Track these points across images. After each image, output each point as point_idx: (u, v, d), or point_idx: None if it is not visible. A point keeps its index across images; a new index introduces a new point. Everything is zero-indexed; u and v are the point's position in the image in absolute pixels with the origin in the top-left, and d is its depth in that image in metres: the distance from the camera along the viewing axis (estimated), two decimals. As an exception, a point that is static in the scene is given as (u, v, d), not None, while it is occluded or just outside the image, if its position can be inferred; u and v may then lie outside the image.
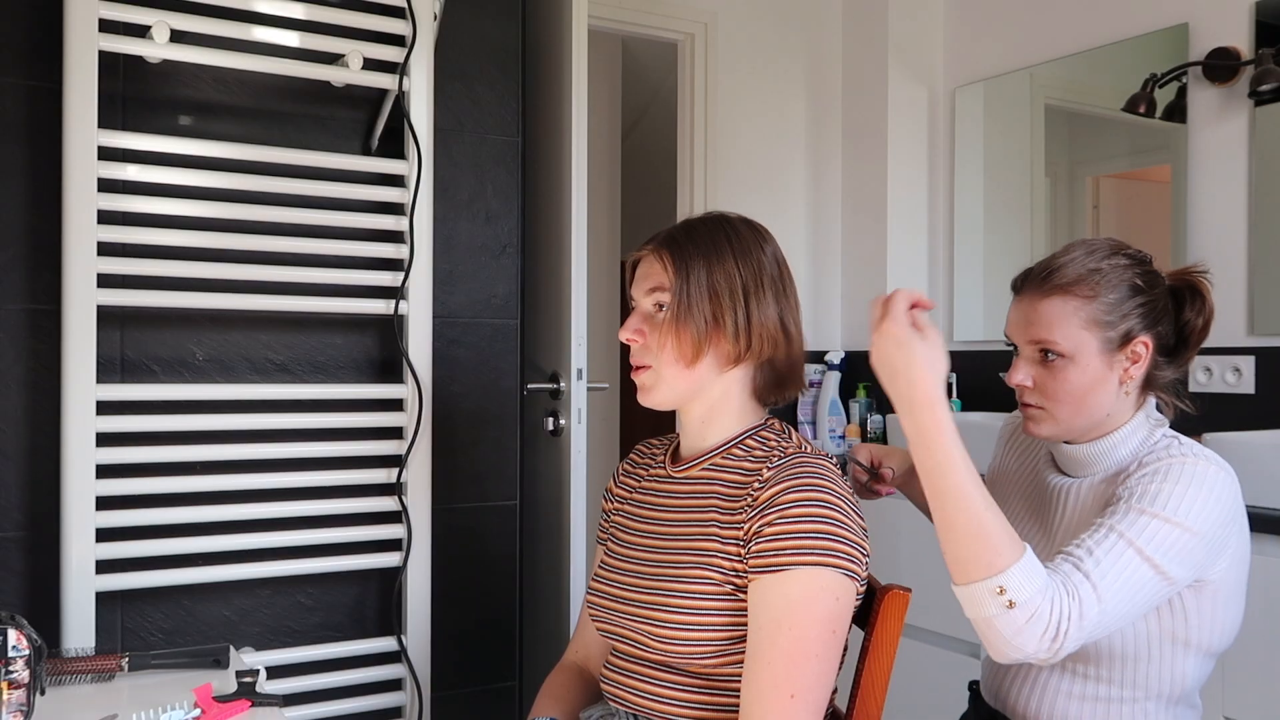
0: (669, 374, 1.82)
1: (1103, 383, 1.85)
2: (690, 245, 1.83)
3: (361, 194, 2.92)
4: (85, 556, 2.57)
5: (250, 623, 2.91)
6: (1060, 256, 1.89)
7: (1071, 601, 1.61)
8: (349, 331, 3.02)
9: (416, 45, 2.91)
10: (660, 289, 1.83)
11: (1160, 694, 1.84)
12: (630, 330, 1.85)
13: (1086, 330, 1.83)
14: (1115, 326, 1.83)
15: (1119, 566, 1.65)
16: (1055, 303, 1.85)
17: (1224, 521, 1.75)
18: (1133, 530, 1.69)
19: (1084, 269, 1.85)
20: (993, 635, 1.62)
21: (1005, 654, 1.63)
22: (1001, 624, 1.60)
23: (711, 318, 1.79)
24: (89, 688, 2.01)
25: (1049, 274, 1.88)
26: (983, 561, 1.60)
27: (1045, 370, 1.87)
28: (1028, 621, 1.58)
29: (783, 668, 1.63)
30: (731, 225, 1.87)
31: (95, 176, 2.57)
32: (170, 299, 2.70)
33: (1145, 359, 1.86)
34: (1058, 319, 1.84)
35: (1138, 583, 1.66)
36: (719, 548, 1.74)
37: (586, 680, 2.08)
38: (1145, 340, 1.86)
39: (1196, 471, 1.75)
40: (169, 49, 2.64)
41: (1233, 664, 2.80)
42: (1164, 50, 3.77)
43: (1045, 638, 1.59)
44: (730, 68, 4.59)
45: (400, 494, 2.95)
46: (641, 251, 1.89)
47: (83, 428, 2.57)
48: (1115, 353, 1.85)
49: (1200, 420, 3.53)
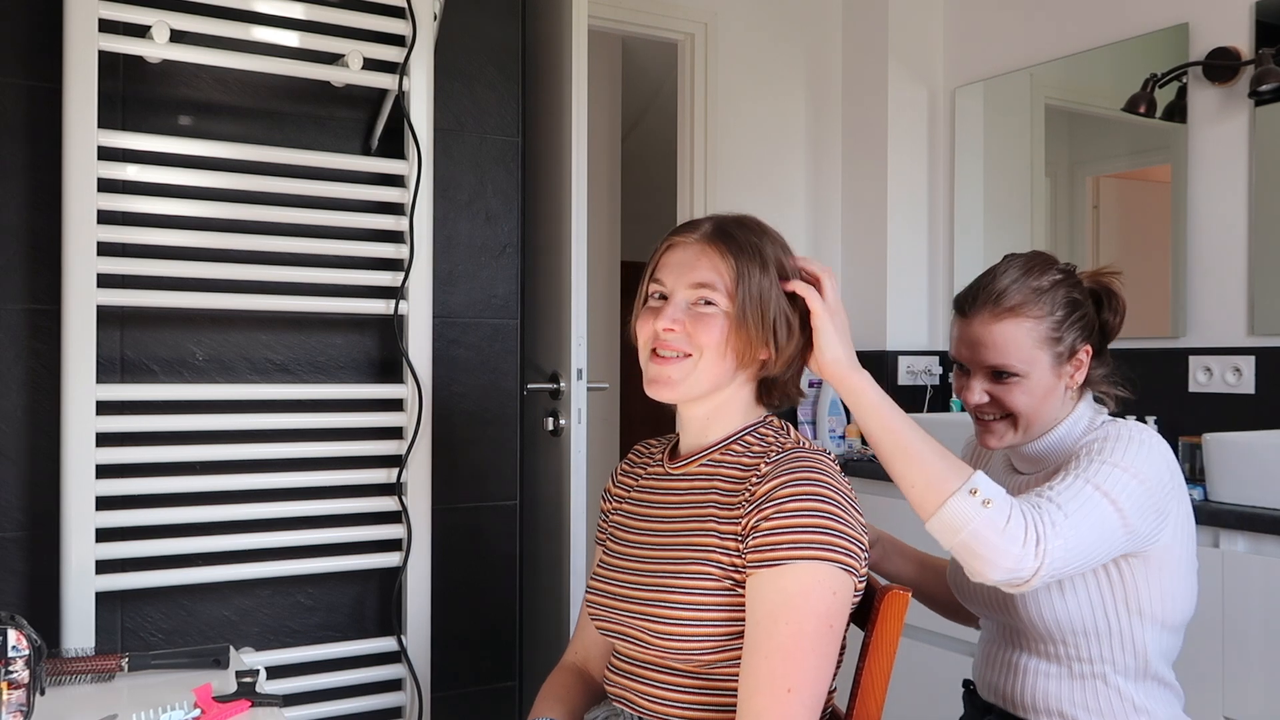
0: (707, 369, 1.79)
1: (1053, 391, 2.00)
2: (748, 247, 1.80)
3: (361, 194, 2.92)
4: (85, 556, 2.57)
5: (250, 623, 2.91)
6: (1001, 278, 2.02)
7: (1041, 514, 1.74)
8: (349, 331, 3.02)
9: (416, 45, 2.91)
10: (710, 286, 1.78)
11: (1126, 667, 1.95)
12: (668, 319, 1.78)
13: (1039, 349, 1.98)
14: (1062, 341, 1.99)
15: (1080, 497, 1.79)
16: (1009, 327, 1.98)
17: (1164, 477, 1.88)
18: (1088, 472, 1.83)
19: (1029, 290, 1.99)
20: (978, 545, 1.72)
21: (994, 563, 1.72)
22: (983, 526, 1.70)
23: (764, 326, 1.78)
24: (89, 688, 2.01)
25: (997, 297, 2.00)
26: (950, 475, 1.75)
27: (1001, 387, 2.00)
28: (1007, 522, 1.71)
29: (780, 662, 1.63)
30: (772, 236, 1.86)
31: (95, 176, 2.57)
32: (170, 299, 2.70)
33: (1086, 365, 2.02)
34: (1012, 342, 1.98)
35: (1100, 514, 1.79)
36: (717, 543, 1.74)
37: (586, 681, 2.07)
38: (1086, 349, 2.01)
39: (1135, 433, 1.90)
40: (169, 49, 2.64)
41: (1232, 664, 2.81)
42: (1164, 50, 3.77)
43: (1028, 542, 1.71)
44: (730, 68, 4.59)
45: (400, 494, 2.95)
46: (684, 238, 1.84)
47: (83, 428, 2.57)
48: (1063, 364, 2.00)
49: (1201, 420, 3.54)
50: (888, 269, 4.60)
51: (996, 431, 2.03)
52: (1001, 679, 2.07)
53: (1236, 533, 2.86)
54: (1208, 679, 2.85)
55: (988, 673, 2.12)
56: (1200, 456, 3.17)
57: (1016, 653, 2.05)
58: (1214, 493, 3.00)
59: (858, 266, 4.74)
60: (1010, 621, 2.03)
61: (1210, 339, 3.65)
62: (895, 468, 1.81)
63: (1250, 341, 3.52)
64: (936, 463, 1.77)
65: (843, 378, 1.82)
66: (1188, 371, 3.66)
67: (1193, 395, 3.64)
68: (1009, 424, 2.02)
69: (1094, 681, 1.95)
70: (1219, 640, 2.83)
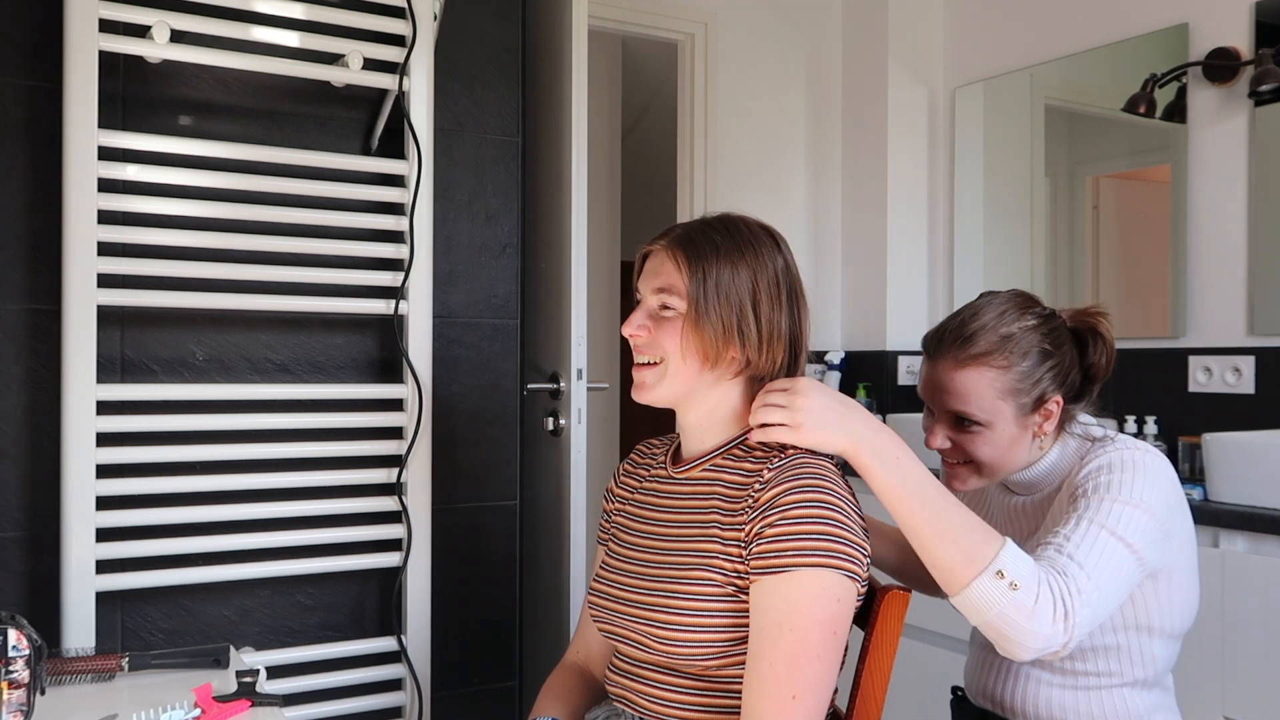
0: (675, 373, 1.80)
1: (1018, 442, 1.95)
2: (707, 247, 1.80)
3: (361, 194, 2.92)
4: (85, 556, 2.57)
5: (250, 623, 2.92)
6: (971, 322, 1.97)
7: (1067, 580, 1.69)
8: (349, 331, 3.03)
9: (416, 45, 2.91)
10: (669, 290, 1.80)
11: (1135, 678, 1.93)
12: (634, 325, 1.82)
13: (1002, 400, 1.92)
14: (1029, 393, 1.93)
15: (1097, 548, 1.74)
16: (971, 375, 1.93)
17: (1171, 502, 1.85)
18: (1100, 516, 1.78)
19: (997, 337, 1.93)
20: (1007, 628, 1.66)
21: (1024, 645, 1.67)
22: (1012, 611, 1.65)
23: (726, 325, 1.77)
24: (89, 687, 2.01)
25: (963, 342, 1.95)
26: (975, 555, 1.68)
27: (964, 435, 1.96)
28: (1035, 603, 1.65)
29: (785, 669, 1.63)
30: (750, 229, 1.84)
31: (95, 176, 2.57)
32: (170, 299, 2.70)
33: (1056, 414, 1.96)
34: (974, 391, 1.93)
35: (1117, 562, 1.75)
36: (720, 549, 1.74)
37: (588, 680, 2.08)
38: (1057, 399, 1.95)
39: (1138, 460, 1.86)
40: (169, 49, 2.64)
41: (1232, 664, 2.81)
42: (1164, 50, 3.78)
43: (1057, 619, 1.65)
44: (730, 68, 4.60)
45: (400, 494, 2.95)
46: (653, 246, 1.87)
47: (83, 427, 2.57)
48: (1029, 415, 1.94)
49: (1201, 420, 3.54)
50: (887, 269, 4.60)
51: (960, 476, 2.00)
52: (998, 684, 2.04)
53: (1236, 533, 2.87)
54: (1207, 680, 2.85)
55: (982, 676, 2.09)
56: (1200, 456, 3.18)
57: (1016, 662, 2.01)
58: (1213, 493, 3.00)
59: (857, 267, 4.75)
60: None
61: (1210, 339, 3.65)
62: (917, 546, 1.75)
63: (1250, 341, 3.52)
64: (959, 539, 1.69)
65: (849, 458, 1.76)
66: (1187, 371, 3.67)
67: (1192, 395, 3.65)
68: (972, 469, 1.99)
69: (1098, 693, 1.93)
70: (1219, 640, 2.84)
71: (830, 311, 4.80)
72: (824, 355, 4.64)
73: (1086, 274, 4.09)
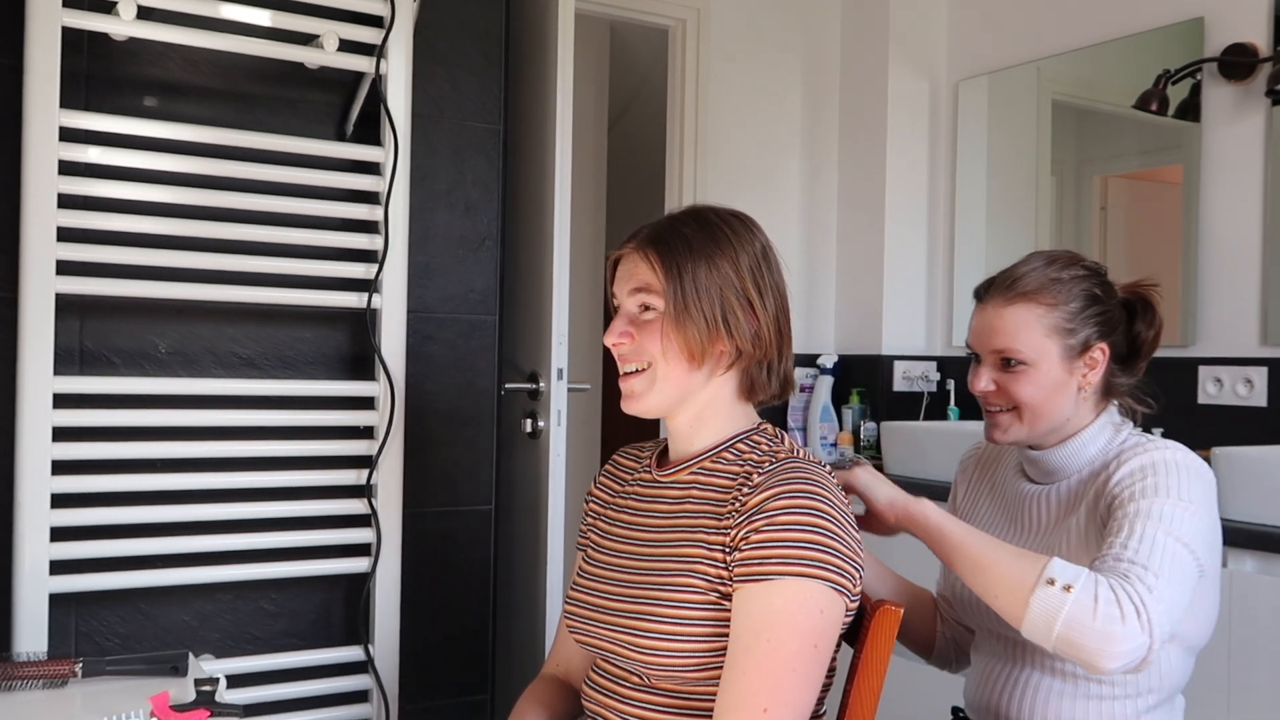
0: (665, 375, 1.81)
1: (1063, 388, 2.02)
2: (679, 243, 1.81)
3: (335, 181, 2.93)
4: (39, 556, 2.58)
5: (210, 628, 2.92)
6: (1021, 266, 2.06)
7: (1132, 582, 1.73)
8: (319, 325, 3.03)
9: (395, 26, 2.92)
10: (646, 290, 1.81)
11: (1153, 690, 1.96)
12: (616, 334, 1.83)
13: (1048, 338, 2.00)
14: (1075, 334, 2.01)
15: (1158, 549, 1.78)
16: (1019, 311, 2.02)
17: (1213, 496, 1.92)
18: (1154, 516, 1.82)
19: (1045, 278, 2.03)
20: (1078, 637, 1.71)
21: (1103, 650, 1.70)
22: (1077, 615, 1.70)
23: (710, 320, 1.78)
24: (40, 694, 2.02)
25: (1012, 283, 2.04)
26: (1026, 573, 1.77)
27: (1008, 376, 2.04)
28: (1095, 603, 1.69)
29: (758, 679, 1.63)
30: (720, 218, 1.86)
31: (56, 158, 2.57)
32: (133, 288, 2.70)
33: (1102, 365, 2.03)
34: (1022, 327, 2.01)
35: (1179, 562, 1.78)
36: (704, 554, 1.74)
37: (569, 692, 2.07)
38: (1102, 347, 2.03)
39: (1181, 460, 1.91)
40: (135, 26, 2.65)
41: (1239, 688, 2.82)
42: (1178, 45, 3.79)
43: (1128, 619, 1.69)
44: (723, 56, 4.61)
45: (370, 496, 2.96)
46: (623, 249, 1.88)
47: (38, 421, 2.58)
48: (1075, 359, 2.02)
49: (1210, 433, 3.55)
50: (884, 270, 4.62)
51: (1001, 424, 2.06)
52: (1004, 698, 2.06)
53: (1245, 552, 2.87)
54: (1213, 702, 2.86)
55: (986, 692, 2.11)
56: (1208, 471, 3.19)
57: (1024, 670, 2.04)
58: (1222, 510, 2.96)
59: (853, 267, 4.76)
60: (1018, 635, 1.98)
61: (1221, 348, 3.66)
62: (976, 584, 1.85)
63: (1263, 352, 3.53)
64: (1011, 564, 1.80)
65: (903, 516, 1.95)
66: (1197, 382, 3.68)
67: (1202, 407, 3.66)
68: (1014, 416, 2.04)
69: (1110, 703, 1.95)
70: (1225, 663, 2.84)
71: (824, 313, 4.82)
72: (816, 359, 4.65)
73: (1093, 278, 4.09)
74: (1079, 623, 1.69)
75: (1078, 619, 1.69)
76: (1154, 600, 1.70)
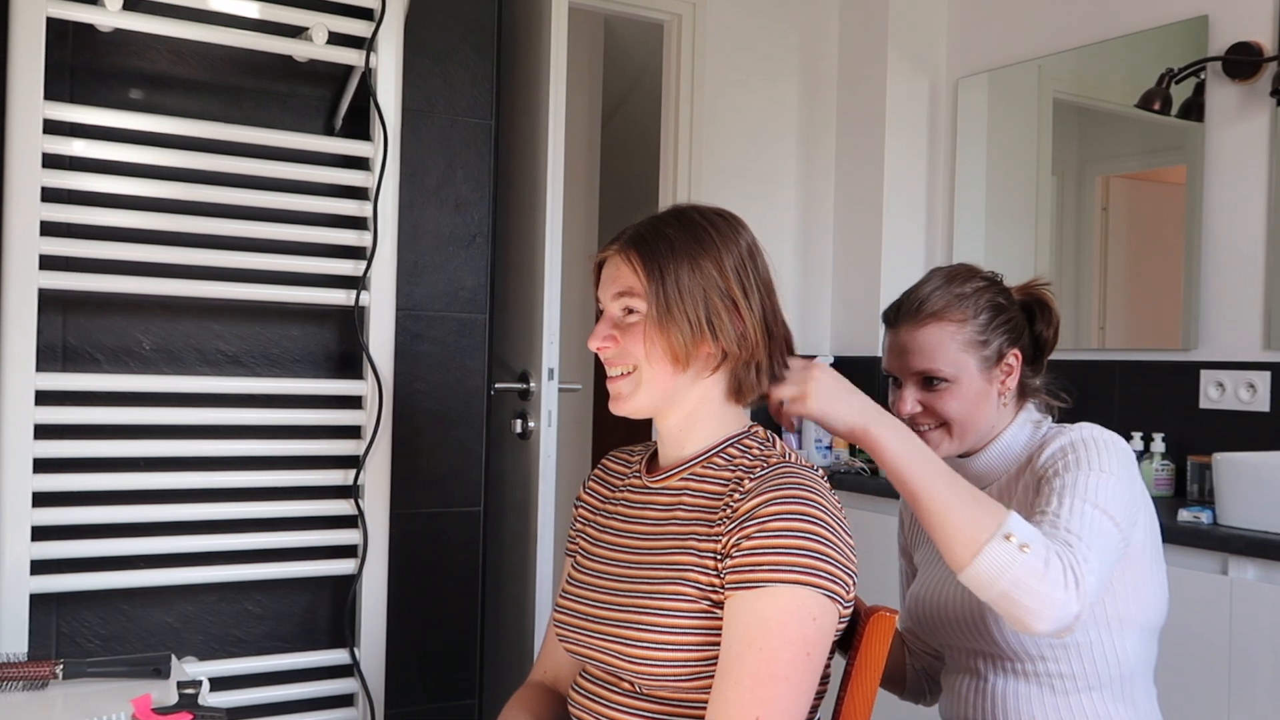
0: (650, 378, 1.81)
1: (985, 397, 2.11)
2: (662, 244, 1.81)
3: (323, 177, 2.93)
4: (20, 556, 2.58)
5: (194, 630, 2.92)
6: (924, 286, 2.17)
7: (1067, 550, 1.79)
8: (306, 323, 3.04)
9: (385, 19, 2.93)
10: (629, 293, 1.81)
11: (1110, 678, 2.01)
12: (600, 338, 1.84)
13: (964, 352, 2.10)
14: (989, 345, 2.11)
15: (1086, 520, 1.86)
16: (932, 331, 2.12)
17: (1134, 474, 1.99)
18: (1079, 490, 1.90)
19: (950, 295, 2.13)
20: (1021, 595, 1.74)
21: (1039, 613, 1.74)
22: (1024, 574, 1.73)
23: (694, 322, 1.79)
24: (20, 696, 2.02)
25: (919, 305, 2.14)
26: (984, 522, 1.78)
27: (933, 395, 2.12)
28: (1046, 567, 1.74)
29: (749, 688, 1.64)
30: (704, 217, 1.86)
31: (40, 151, 2.58)
32: (117, 284, 2.71)
33: (1016, 369, 2.13)
34: (938, 346, 2.11)
35: (1104, 534, 1.86)
36: (695, 561, 1.74)
37: (557, 699, 2.07)
38: (1015, 353, 2.13)
39: (1095, 435, 2.01)
40: (122, 17, 2.65)
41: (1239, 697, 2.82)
42: (1181, 44, 3.79)
43: (1069, 585, 1.74)
44: (719, 52, 4.61)
45: (357, 497, 2.96)
46: (606, 252, 1.89)
47: (20, 419, 2.58)
48: (992, 369, 2.11)
49: (1212, 439, 3.56)
50: (882, 270, 4.62)
51: (933, 441, 2.11)
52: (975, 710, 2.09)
53: (1246, 559, 2.87)
54: (1214, 711, 2.86)
55: (958, 708, 2.14)
56: (1209, 477, 3.19)
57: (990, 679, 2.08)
58: (1223, 516, 3.00)
59: (850, 266, 4.76)
60: (983, 646, 2.07)
61: (1224, 352, 3.67)
62: (928, 523, 1.85)
63: (1266, 356, 3.53)
64: (968, 510, 1.80)
65: (858, 438, 1.91)
66: (1198, 386, 3.68)
67: (1203, 412, 3.67)
68: (944, 432, 2.11)
69: (1078, 697, 2.00)
70: (1225, 671, 2.85)
71: (820, 313, 4.83)
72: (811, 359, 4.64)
73: (1094, 279, 4.10)
74: (1024, 583, 1.73)
75: (1025, 579, 1.73)
76: (1087, 571, 1.77)
